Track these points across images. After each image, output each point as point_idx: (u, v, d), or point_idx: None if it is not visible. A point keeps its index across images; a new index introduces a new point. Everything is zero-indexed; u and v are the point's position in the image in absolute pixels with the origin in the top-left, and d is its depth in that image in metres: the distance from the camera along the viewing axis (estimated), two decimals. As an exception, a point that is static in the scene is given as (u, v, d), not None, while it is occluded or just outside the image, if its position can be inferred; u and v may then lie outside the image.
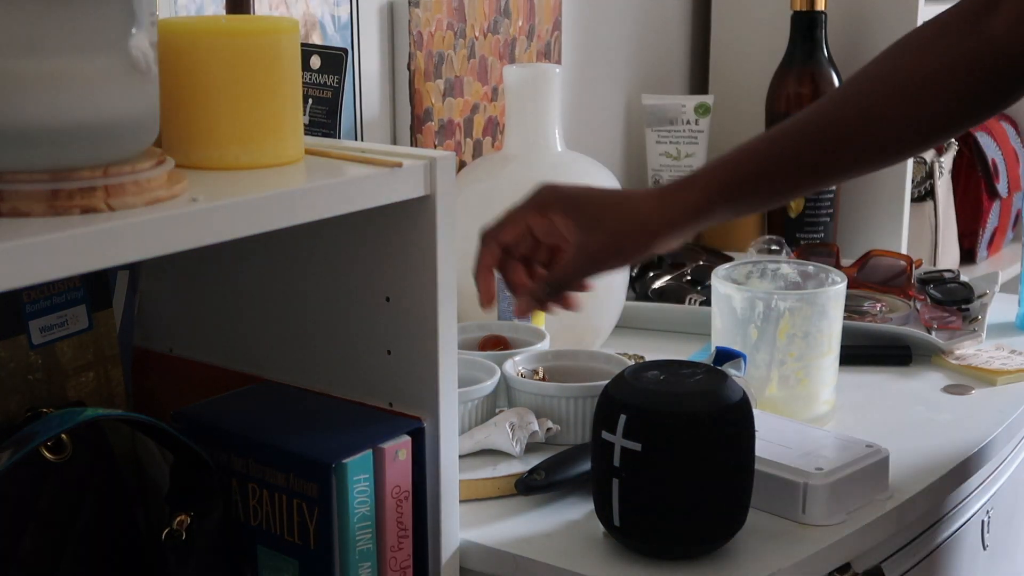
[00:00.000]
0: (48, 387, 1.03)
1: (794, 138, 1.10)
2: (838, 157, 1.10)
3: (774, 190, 1.11)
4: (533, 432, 1.19)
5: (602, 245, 1.10)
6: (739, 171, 1.10)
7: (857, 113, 1.09)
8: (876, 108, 1.09)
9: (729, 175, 1.10)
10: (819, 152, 1.10)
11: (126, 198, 0.80)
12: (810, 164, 1.10)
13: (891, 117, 1.09)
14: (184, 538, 0.95)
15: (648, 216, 1.09)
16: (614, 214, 1.10)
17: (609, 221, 1.10)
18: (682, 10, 2.01)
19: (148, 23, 0.81)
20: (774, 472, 1.09)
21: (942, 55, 1.07)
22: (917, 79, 1.08)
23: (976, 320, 1.54)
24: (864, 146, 1.10)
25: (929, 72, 1.08)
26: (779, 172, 1.10)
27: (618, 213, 1.10)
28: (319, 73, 1.23)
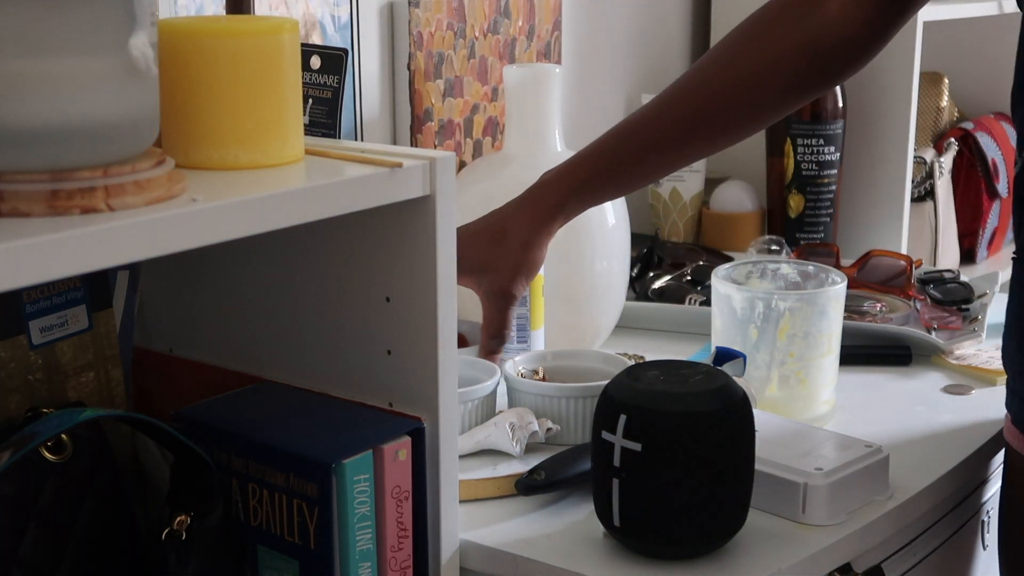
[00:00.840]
0: (48, 387, 1.03)
1: (643, 131, 1.22)
2: (682, 147, 1.23)
3: (625, 182, 1.25)
4: (533, 432, 1.19)
5: (503, 282, 1.23)
6: (590, 172, 1.23)
7: (696, 106, 1.20)
8: (712, 100, 1.20)
9: (582, 177, 1.24)
10: (663, 144, 1.22)
11: (126, 198, 0.80)
12: (655, 155, 1.23)
13: (728, 107, 1.20)
14: (184, 538, 0.95)
15: (524, 236, 1.23)
16: (495, 254, 1.23)
17: (495, 262, 1.23)
18: (682, 10, 2.02)
19: (148, 23, 0.81)
20: (774, 472, 1.09)
21: (778, 42, 1.18)
22: (753, 68, 1.19)
23: (976, 320, 1.54)
24: (706, 135, 1.22)
25: (764, 61, 1.18)
26: (629, 166, 1.23)
27: (498, 251, 1.23)
28: (319, 73, 1.23)
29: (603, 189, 1.25)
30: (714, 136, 1.22)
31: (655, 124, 1.22)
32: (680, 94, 1.21)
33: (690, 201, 1.87)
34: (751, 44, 1.19)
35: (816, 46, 1.16)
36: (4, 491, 0.93)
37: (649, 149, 1.22)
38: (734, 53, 1.20)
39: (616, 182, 1.25)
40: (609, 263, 1.46)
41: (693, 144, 1.23)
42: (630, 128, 1.23)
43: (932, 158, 1.97)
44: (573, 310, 1.45)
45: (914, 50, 1.82)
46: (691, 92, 1.21)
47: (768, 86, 1.18)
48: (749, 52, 1.18)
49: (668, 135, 1.21)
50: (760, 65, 1.18)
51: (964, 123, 2.09)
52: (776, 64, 1.17)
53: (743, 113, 1.20)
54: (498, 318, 1.25)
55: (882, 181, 1.87)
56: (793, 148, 1.83)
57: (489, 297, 1.24)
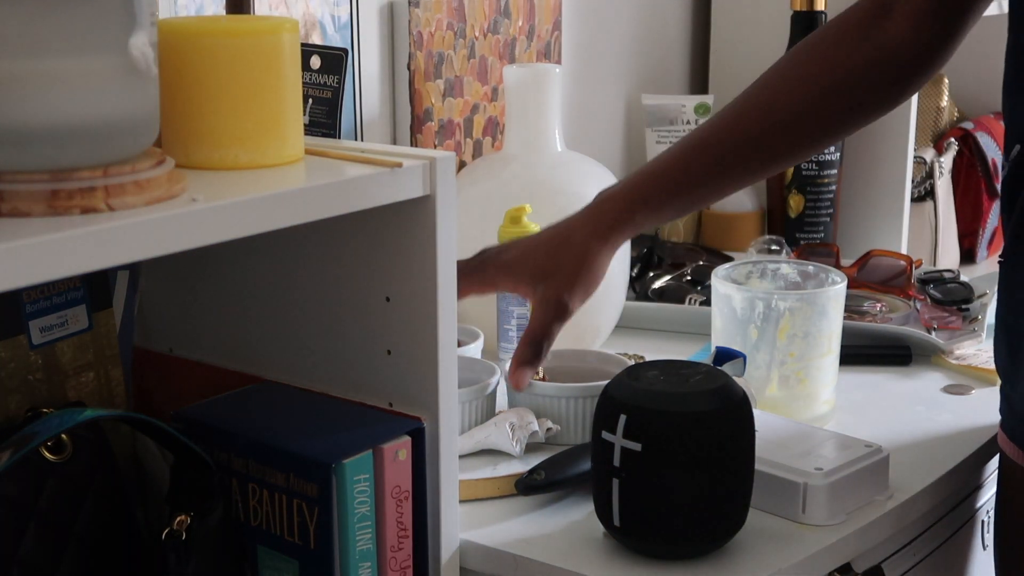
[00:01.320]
0: (48, 387, 1.03)
1: (709, 150, 1.19)
2: (750, 164, 1.20)
3: (695, 198, 1.22)
4: (533, 432, 1.19)
5: (559, 292, 1.18)
6: (658, 187, 1.20)
7: (764, 125, 1.18)
8: (781, 118, 1.18)
9: (649, 191, 1.20)
10: (732, 162, 1.19)
11: (126, 198, 0.80)
12: (722, 173, 1.20)
13: (796, 126, 1.18)
14: (184, 538, 0.95)
15: (585, 246, 1.18)
16: (555, 261, 1.18)
17: (554, 269, 1.18)
18: (682, 10, 2.01)
19: (148, 23, 0.81)
20: (774, 472, 1.09)
21: (842, 63, 1.16)
22: (821, 88, 1.17)
23: (976, 320, 1.54)
24: (771, 154, 1.20)
25: (831, 81, 1.16)
26: (692, 182, 1.20)
27: (558, 257, 1.18)
28: (319, 73, 1.23)
29: (669, 205, 1.21)
30: (780, 155, 1.20)
31: (724, 141, 1.19)
32: (749, 110, 1.19)
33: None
34: (815, 66, 1.17)
35: (883, 63, 1.15)
36: (4, 491, 0.93)
37: (716, 166, 1.19)
38: (800, 74, 1.18)
39: (683, 200, 1.21)
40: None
41: (761, 163, 1.20)
42: (698, 144, 1.20)
43: (932, 158, 1.97)
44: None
45: (914, 50, 1.81)
46: (758, 113, 1.18)
47: (835, 107, 1.17)
48: (815, 73, 1.17)
49: (737, 153, 1.18)
50: (827, 86, 1.16)
51: (964, 123, 2.09)
52: (845, 82, 1.16)
53: (810, 132, 1.18)
54: (542, 328, 1.17)
55: (882, 181, 1.87)
56: (793, 148, 1.83)
57: (542, 304, 1.18)
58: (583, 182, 1.47)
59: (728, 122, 1.19)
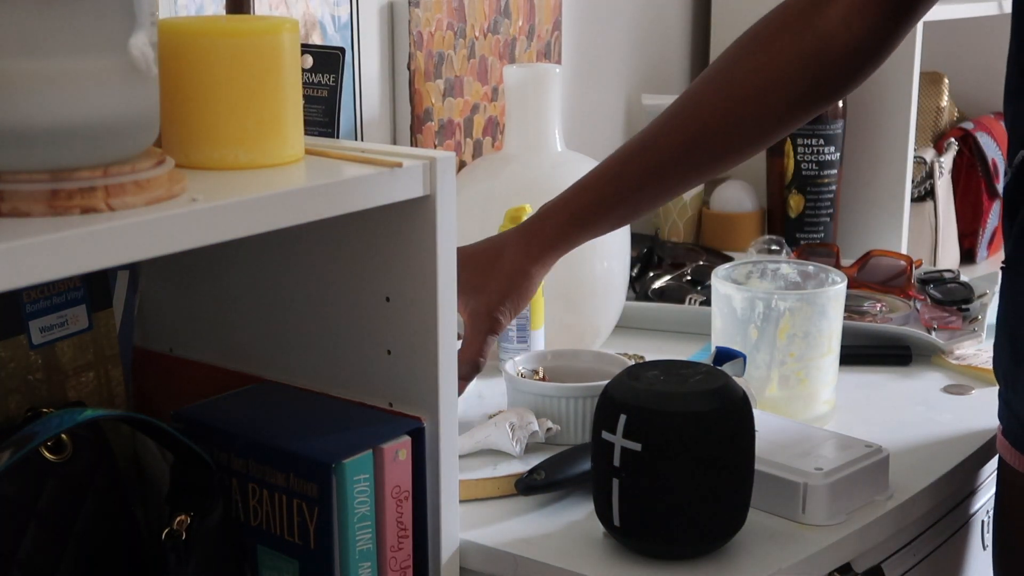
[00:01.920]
0: (48, 387, 1.03)
1: (639, 160, 1.18)
2: (685, 170, 1.19)
3: (630, 208, 1.21)
4: (533, 432, 1.19)
5: (489, 308, 1.19)
6: (592, 201, 1.19)
7: (698, 127, 1.17)
8: (716, 119, 1.16)
9: (583, 206, 1.19)
10: (665, 169, 1.18)
11: (126, 198, 0.80)
12: (656, 181, 1.19)
13: (732, 126, 1.16)
14: (184, 538, 0.95)
15: (518, 263, 1.19)
16: (485, 277, 1.19)
17: (484, 285, 1.19)
18: (682, 10, 2.01)
19: (148, 23, 0.81)
20: (774, 472, 1.09)
21: (780, 56, 1.14)
22: (758, 84, 1.15)
23: (976, 320, 1.54)
24: (709, 157, 1.18)
25: (768, 76, 1.14)
26: (630, 193, 1.19)
27: (489, 274, 1.19)
28: (312, 72, 1.23)
29: (605, 218, 1.20)
30: (717, 158, 1.18)
31: (656, 148, 1.18)
32: (680, 116, 1.18)
33: (690, 201, 1.87)
34: (751, 60, 1.15)
35: (820, 58, 1.13)
36: (4, 491, 0.93)
37: (650, 174, 1.18)
38: (734, 70, 1.16)
39: (618, 211, 1.20)
40: (609, 263, 1.46)
41: (696, 167, 1.19)
42: (630, 153, 1.19)
43: (932, 158, 1.97)
44: (573, 310, 1.45)
45: (914, 50, 1.82)
46: (691, 114, 1.17)
47: (771, 103, 1.15)
48: (750, 68, 1.15)
49: (670, 159, 1.17)
50: (763, 81, 1.14)
51: (964, 123, 2.09)
52: (779, 79, 1.14)
53: (747, 132, 1.17)
54: (476, 343, 1.18)
55: (882, 181, 1.87)
56: (793, 148, 1.83)
57: (472, 318, 1.19)
58: (583, 182, 1.47)
59: (662, 127, 1.18)
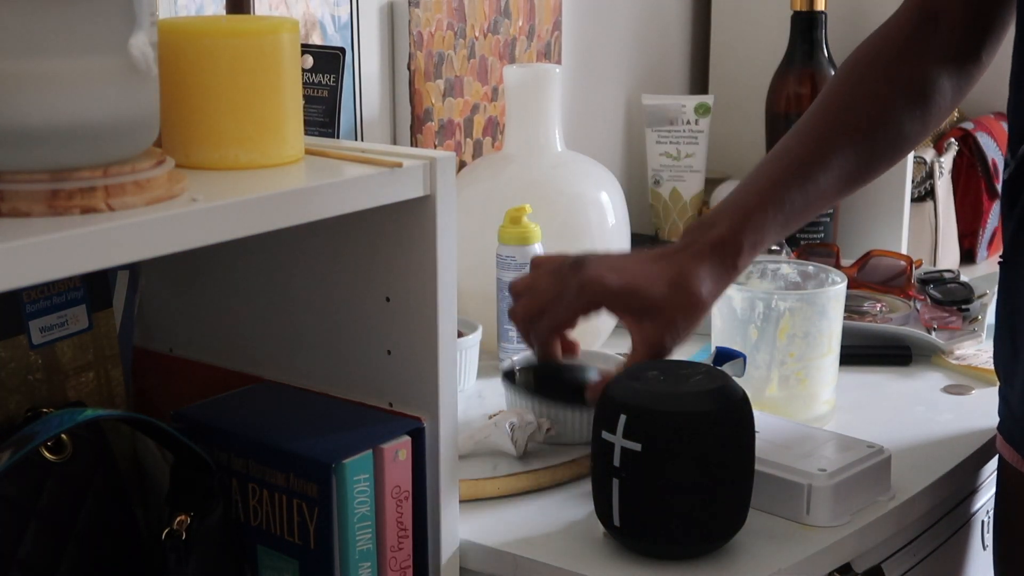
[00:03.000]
0: (48, 387, 1.03)
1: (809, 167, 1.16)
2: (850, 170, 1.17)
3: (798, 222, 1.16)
4: (533, 432, 1.19)
5: (661, 336, 1.10)
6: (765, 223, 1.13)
7: (817, 149, 1.16)
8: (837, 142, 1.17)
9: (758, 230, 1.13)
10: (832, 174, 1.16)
11: (126, 198, 0.80)
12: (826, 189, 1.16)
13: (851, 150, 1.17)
14: (184, 538, 0.95)
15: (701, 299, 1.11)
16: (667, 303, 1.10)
17: (664, 311, 1.10)
18: (682, 10, 2.01)
19: (148, 23, 0.81)
20: (777, 473, 1.09)
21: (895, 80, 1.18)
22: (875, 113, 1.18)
23: (976, 320, 1.54)
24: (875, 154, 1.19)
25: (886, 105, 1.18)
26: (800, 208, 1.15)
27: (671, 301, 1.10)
28: (312, 72, 1.23)
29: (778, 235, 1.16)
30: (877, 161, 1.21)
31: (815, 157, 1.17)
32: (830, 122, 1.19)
33: (690, 201, 1.87)
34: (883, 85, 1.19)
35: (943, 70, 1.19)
36: (4, 491, 0.93)
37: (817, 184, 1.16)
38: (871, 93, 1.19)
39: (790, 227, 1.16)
40: (609, 263, 1.45)
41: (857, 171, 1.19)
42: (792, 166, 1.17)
43: (932, 158, 1.96)
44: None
45: (914, 50, 1.81)
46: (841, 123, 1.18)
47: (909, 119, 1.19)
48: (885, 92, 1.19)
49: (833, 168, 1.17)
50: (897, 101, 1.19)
51: (964, 123, 2.09)
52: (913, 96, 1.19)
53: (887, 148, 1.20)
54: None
55: (882, 181, 1.85)
56: (793, 148, 1.82)
57: (645, 342, 1.10)
58: (583, 182, 1.47)
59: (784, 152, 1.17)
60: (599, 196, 1.47)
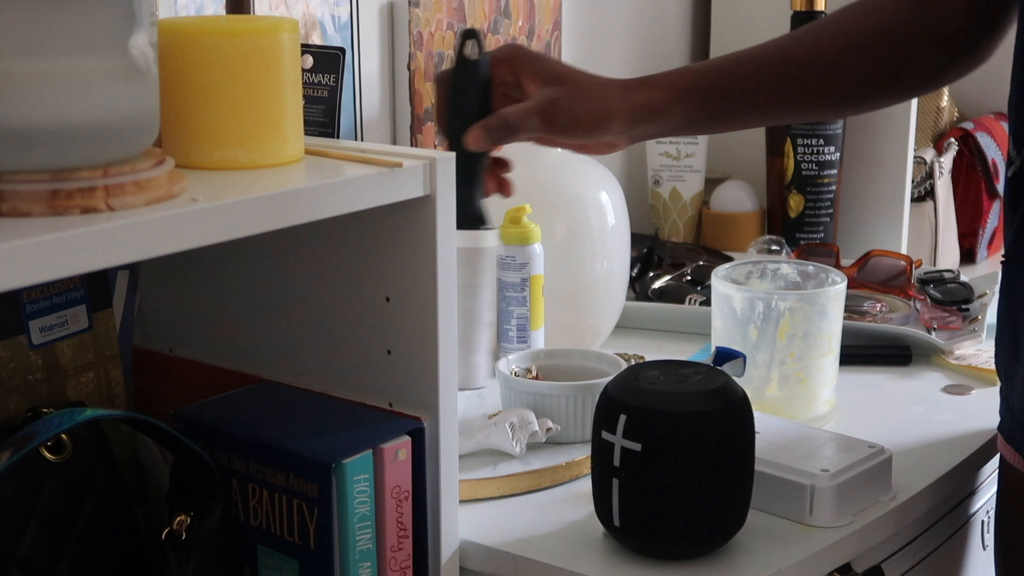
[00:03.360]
0: (48, 387, 1.03)
1: (756, 62, 1.17)
2: (785, 93, 1.17)
3: (727, 107, 1.17)
4: (533, 432, 1.19)
5: (560, 107, 1.12)
6: (699, 81, 1.17)
7: (811, 54, 1.16)
8: (830, 52, 1.16)
9: (690, 82, 1.18)
10: (769, 84, 1.17)
11: (126, 198, 0.80)
12: (760, 94, 1.17)
13: (842, 63, 1.16)
14: (184, 538, 0.95)
15: (609, 100, 1.15)
16: (578, 87, 1.14)
17: (573, 90, 1.13)
18: (682, 10, 2.01)
19: (148, 23, 0.81)
20: (779, 474, 1.09)
21: (898, 8, 1.15)
22: (871, 32, 1.15)
23: (976, 320, 1.54)
24: (812, 87, 1.17)
25: (885, 27, 1.15)
26: (735, 91, 1.17)
27: (582, 87, 1.14)
28: (312, 72, 1.23)
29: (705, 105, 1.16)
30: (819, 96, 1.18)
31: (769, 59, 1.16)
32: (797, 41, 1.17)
33: (690, 201, 1.87)
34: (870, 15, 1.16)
35: (933, 31, 1.15)
36: (4, 491, 0.93)
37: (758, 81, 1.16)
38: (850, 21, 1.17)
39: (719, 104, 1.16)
40: (609, 263, 1.46)
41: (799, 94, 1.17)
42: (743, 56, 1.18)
43: (932, 158, 1.97)
44: (573, 310, 1.45)
45: (914, 50, 1.81)
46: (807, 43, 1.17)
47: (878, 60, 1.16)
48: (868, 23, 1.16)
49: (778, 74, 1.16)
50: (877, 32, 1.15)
51: (964, 123, 2.09)
52: (889, 40, 1.15)
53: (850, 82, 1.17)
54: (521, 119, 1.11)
55: (882, 181, 1.87)
56: (793, 148, 1.83)
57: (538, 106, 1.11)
58: (583, 182, 1.47)
59: (778, 43, 1.17)
60: (599, 196, 1.47)
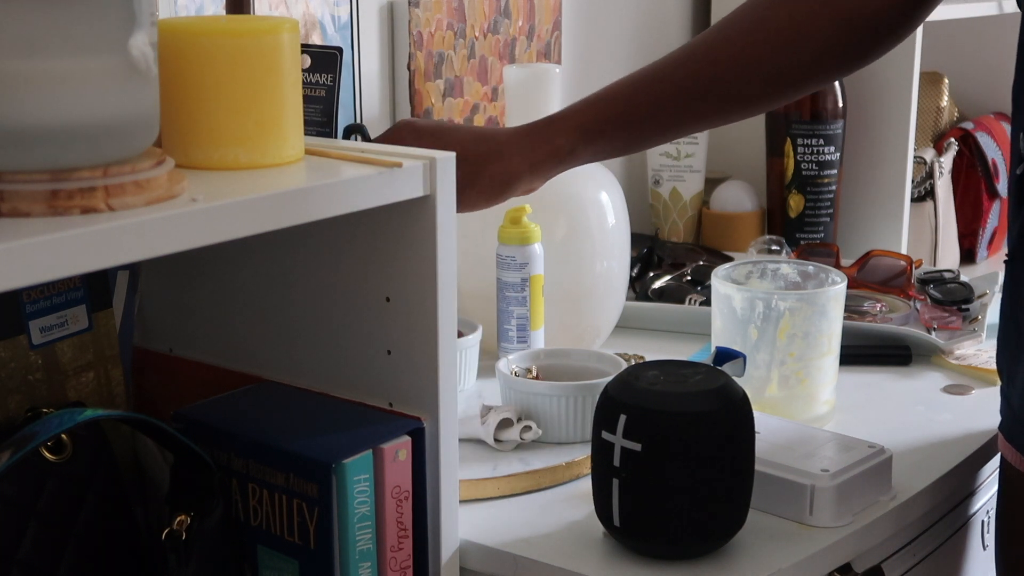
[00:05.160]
0: (48, 387, 1.03)
1: (660, 83, 1.13)
2: (703, 104, 1.13)
3: (637, 135, 1.15)
4: (505, 420, 1.19)
5: (471, 204, 1.12)
6: (601, 116, 1.13)
7: (727, 59, 1.12)
8: (747, 54, 1.11)
9: (592, 119, 1.13)
10: (683, 99, 1.13)
11: (126, 198, 0.80)
12: (674, 110, 1.13)
13: (762, 63, 1.11)
14: (184, 538, 0.95)
15: (510, 162, 1.12)
16: (475, 171, 1.11)
17: (476, 180, 1.12)
18: (682, 10, 2.02)
19: (148, 23, 0.81)
20: (780, 474, 1.09)
21: (805, 11, 1.10)
22: (779, 35, 1.11)
23: (976, 320, 1.54)
24: (730, 94, 1.13)
25: (790, 29, 1.10)
26: (642, 118, 1.13)
27: (479, 169, 1.12)
28: (310, 72, 1.23)
29: (610, 139, 1.14)
30: (732, 102, 1.14)
31: (669, 79, 1.13)
32: (698, 51, 1.13)
33: (690, 201, 1.87)
34: (778, 9, 1.12)
35: (849, 17, 1.10)
36: (4, 491, 0.93)
37: (659, 106, 1.13)
38: (759, 18, 1.12)
39: (623, 135, 1.14)
40: (609, 263, 1.46)
41: (703, 109, 1.14)
42: (642, 80, 1.14)
43: (932, 158, 1.97)
44: (573, 310, 1.45)
45: (914, 50, 1.82)
46: (708, 50, 1.13)
47: (790, 57, 1.11)
48: (774, 16, 1.11)
49: (680, 93, 1.13)
50: (789, 30, 1.11)
51: (964, 123, 2.09)
52: (802, 33, 1.11)
53: (760, 81, 1.13)
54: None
55: (882, 181, 1.87)
56: (793, 148, 1.83)
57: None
58: (583, 182, 1.47)
59: (679, 59, 1.14)
60: (599, 196, 1.47)
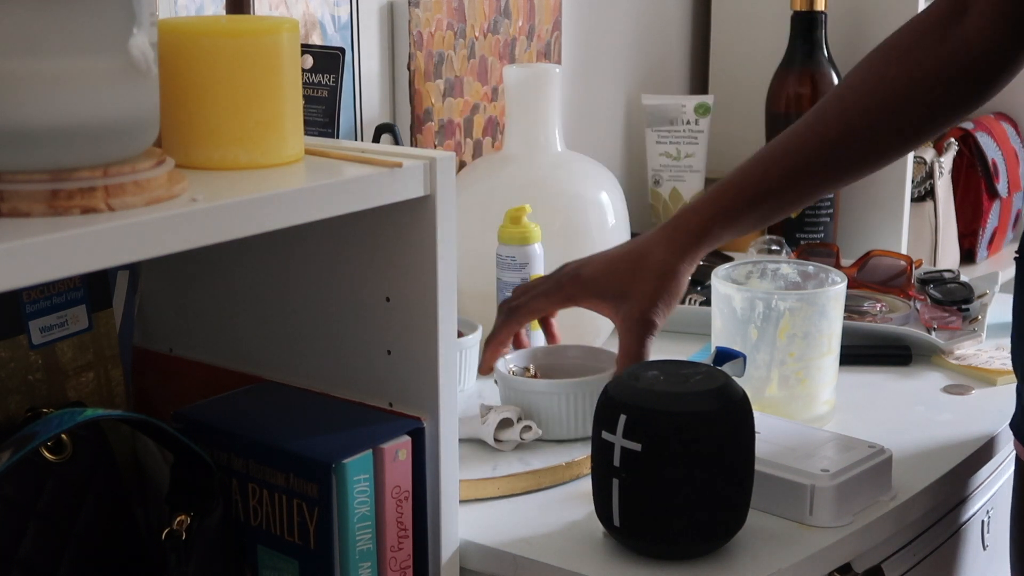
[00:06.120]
0: (48, 387, 1.03)
1: (782, 162, 1.20)
2: (827, 172, 1.20)
3: (772, 209, 1.22)
4: (505, 420, 1.19)
5: (642, 311, 1.19)
6: (738, 199, 1.20)
7: (842, 128, 1.18)
8: (860, 121, 1.17)
9: (731, 201, 1.20)
10: (809, 170, 1.19)
11: (126, 198, 0.80)
12: (800, 183, 1.20)
13: (876, 129, 1.17)
14: (184, 538, 0.95)
15: (664, 262, 1.20)
16: (634, 280, 1.20)
17: (634, 288, 1.20)
18: (682, 10, 2.01)
19: (148, 23, 0.81)
20: (780, 474, 1.09)
21: (920, 63, 1.15)
22: (899, 90, 1.16)
23: (976, 320, 1.54)
24: (851, 158, 1.19)
25: (909, 82, 1.16)
26: (771, 191, 1.20)
27: (637, 276, 1.20)
28: (312, 72, 1.23)
29: (748, 216, 1.21)
30: (858, 162, 1.20)
31: (798, 151, 1.19)
32: (823, 120, 1.19)
33: (690, 201, 1.87)
34: (893, 67, 1.16)
35: (958, 66, 1.14)
36: (4, 491, 0.93)
37: (792, 177, 1.19)
38: (878, 75, 1.17)
39: (762, 209, 1.21)
40: (609, 263, 1.45)
41: (837, 171, 1.20)
42: (772, 155, 1.20)
43: (932, 158, 1.97)
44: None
45: (914, 50, 1.81)
46: (835, 117, 1.18)
47: (914, 108, 1.16)
48: (893, 75, 1.16)
49: (811, 162, 1.19)
50: (905, 87, 1.15)
51: (964, 123, 2.09)
52: (920, 86, 1.15)
53: (889, 137, 1.18)
54: (636, 347, 1.19)
55: (882, 181, 1.86)
56: (793, 148, 1.82)
57: (626, 323, 1.20)
58: (583, 182, 1.47)
59: (806, 128, 1.19)
60: (599, 196, 1.47)
